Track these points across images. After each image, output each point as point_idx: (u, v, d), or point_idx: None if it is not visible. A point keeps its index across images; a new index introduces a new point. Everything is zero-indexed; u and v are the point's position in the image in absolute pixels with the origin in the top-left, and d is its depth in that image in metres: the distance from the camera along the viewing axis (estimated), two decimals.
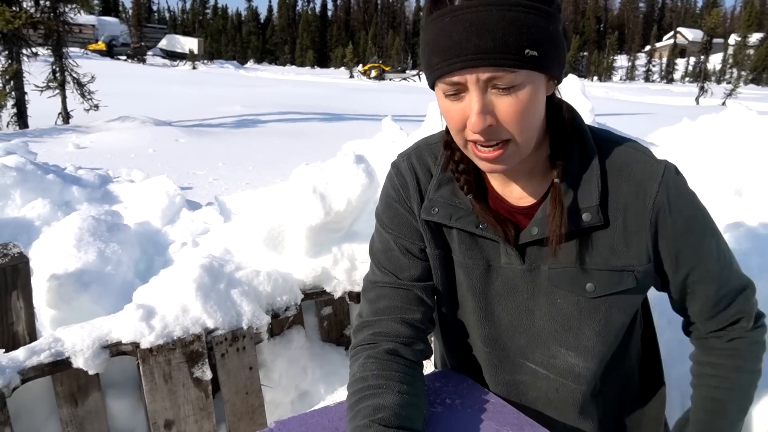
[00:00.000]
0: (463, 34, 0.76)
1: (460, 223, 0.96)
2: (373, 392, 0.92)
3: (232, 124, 11.56)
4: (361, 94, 21.48)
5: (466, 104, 0.80)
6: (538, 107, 0.83)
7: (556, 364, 1.01)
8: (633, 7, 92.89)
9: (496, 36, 0.75)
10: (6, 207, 2.60)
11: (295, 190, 2.04)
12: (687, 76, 55.75)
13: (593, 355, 0.97)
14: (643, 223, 0.90)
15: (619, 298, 0.94)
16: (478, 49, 0.75)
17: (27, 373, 1.52)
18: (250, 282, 1.85)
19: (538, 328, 0.99)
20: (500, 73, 0.77)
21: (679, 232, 0.91)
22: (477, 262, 0.98)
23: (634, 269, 0.92)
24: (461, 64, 0.77)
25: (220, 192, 5.58)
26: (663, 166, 0.91)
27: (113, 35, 44.00)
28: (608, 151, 0.92)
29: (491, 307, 1.01)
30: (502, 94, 0.79)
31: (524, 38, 0.75)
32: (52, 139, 8.78)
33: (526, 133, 0.83)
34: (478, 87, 0.79)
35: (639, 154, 0.92)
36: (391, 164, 1.07)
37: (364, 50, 71.02)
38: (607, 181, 0.90)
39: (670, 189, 0.89)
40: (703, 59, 29.40)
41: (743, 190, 2.18)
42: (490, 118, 0.80)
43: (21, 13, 10.13)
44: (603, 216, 0.89)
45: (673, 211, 0.89)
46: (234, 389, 1.79)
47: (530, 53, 0.76)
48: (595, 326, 0.95)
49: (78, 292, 1.86)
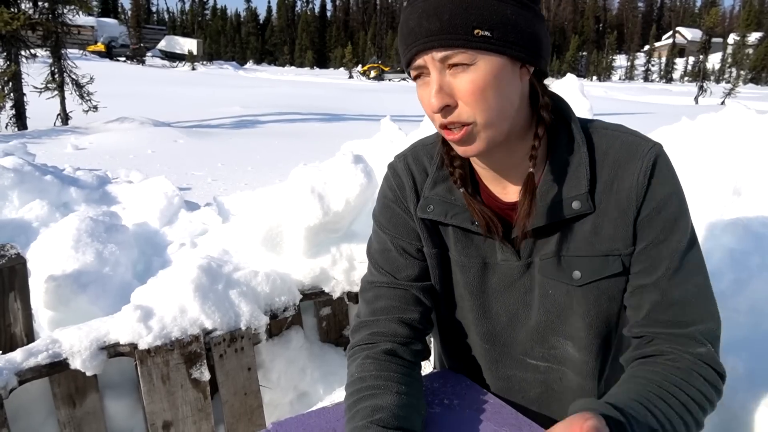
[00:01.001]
0: (417, 20, 0.81)
1: (455, 219, 0.96)
2: (372, 393, 0.92)
3: (231, 124, 11.56)
4: (360, 95, 21.49)
5: (430, 86, 0.84)
6: (501, 89, 0.83)
7: (557, 354, 1.01)
8: (632, 7, 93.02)
9: (443, 17, 0.79)
10: (4, 208, 2.59)
11: (293, 191, 2.04)
12: (686, 75, 55.79)
13: (587, 345, 0.97)
14: (624, 204, 0.89)
15: (607, 284, 0.93)
16: (428, 32, 0.80)
17: (24, 374, 1.51)
18: (248, 282, 1.85)
19: (535, 321, 0.99)
20: (450, 52, 0.80)
21: (653, 213, 0.89)
22: (473, 259, 0.99)
23: (620, 253, 0.91)
24: (416, 48, 0.82)
25: (218, 193, 5.58)
26: (649, 146, 0.90)
27: (112, 36, 43.97)
28: (598, 137, 0.92)
29: (489, 304, 1.01)
30: (459, 73, 0.82)
31: (472, 18, 0.79)
32: (51, 140, 8.77)
33: (487, 114, 0.83)
34: (436, 67, 0.82)
35: (625, 135, 0.92)
36: (387, 165, 1.08)
37: (363, 50, 71.04)
38: (595, 168, 0.90)
39: (651, 169, 0.88)
40: (702, 59, 29.42)
41: (742, 190, 2.18)
42: (447, 98, 0.83)
43: (19, 14, 10.11)
44: (591, 203, 0.89)
45: (651, 190, 0.88)
46: (232, 390, 1.78)
47: (481, 33, 0.79)
48: (586, 315, 0.95)
49: (76, 293, 1.86)
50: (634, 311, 0.93)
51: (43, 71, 11.24)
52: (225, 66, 47.71)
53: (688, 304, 0.89)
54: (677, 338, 0.89)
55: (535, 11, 0.84)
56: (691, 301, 0.89)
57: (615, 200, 0.89)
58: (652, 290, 0.90)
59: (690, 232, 0.91)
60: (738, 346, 1.75)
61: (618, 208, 0.89)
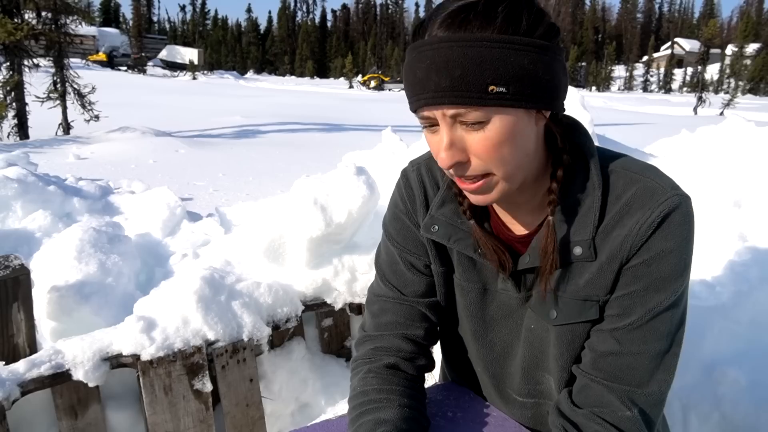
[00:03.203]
0: (425, 71, 0.75)
1: (458, 245, 0.94)
2: (375, 406, 0.92)
3: (232, 134, 11.59)
4: (360, 105, 21.56)
5: (440, 137, 0.79)
6: (518, 142, 0.78)
7: (543, 390, 1.00)
8: (631, 18, 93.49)
9: (455, 74, 0.73)
10: (7, 218, 2.60)
11: (295, 202, 2.05)
12: (685, 86, 55.99)
13: (564, 382, 0.94)
14: (615, 251, 0.83)
15: (582, 329, 0.89)
16: (437, 87, 0.74)
17: (27, 385, 1.52)
18: (250, 294, 1.85)
19: (521, 355, 0.98)
20: (462, 110, 0.74)
21: (641, 265, 0.82)
22: (473, 284, 0.97)
23: (598, 299, 0.86)
24: (424, 101, 0.76)
25: (220, 203, 5.59)
26: (668, 195, 0.81)
27: (114, 46, 44.20)
28: (616, 177, 0.85)
29: (485, 330, 1.00)
30: (471, 130, 0.76)
31: (486, 74, 0.72)
32: (53, 149, 8.79)
33: (504, 168, 0.79)
34: (446, 122, 0.77)
35: (648, 180, 0.84)
36: (401, 172, 1.05)
37: (364, 61, 71.35)
38: (605, 212, 0.84)
39: (659, 222, 0.81)
40: (701, 69, 29.54)
41: (742, 202, 2.19)
42: (458, 154, 0.78)
43: (23, 24, 10.18)
44: (594, 250, 0.84)
45: (650, 242, 0.81)
46: (234, 401, 1.78)
47: (495, 90, 0.73)
48: (559, 358, 0.92)
49: (79, 303, 1.86)
50: (587, 350, 0.89)
51: (45, 81, 11.28)
52: (226, 75, 47.90)
53: (637, 364, 0.85)
54: (611, 391, 0.86)
55: (554, 52, 0.77)
56: (642, 362, 0.85)
57: (609, 247, 0.84)
58: (609, 337, 0.86)
59: (678, 296, 0.84)
60: (739, 358, 1.75)
61: (609, 253, 0.84)
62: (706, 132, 2.81)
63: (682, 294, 0.85)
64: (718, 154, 2.52)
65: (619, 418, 0.85)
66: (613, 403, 0.85)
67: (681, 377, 1.39)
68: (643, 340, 0.84)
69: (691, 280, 1.89)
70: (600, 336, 0.87)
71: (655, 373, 0.85)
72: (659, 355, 0.84)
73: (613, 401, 0.85)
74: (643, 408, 0.85)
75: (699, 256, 1.84)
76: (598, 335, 0.88)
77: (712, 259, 2.00)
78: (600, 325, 0.88)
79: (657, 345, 0.84)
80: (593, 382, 0.88)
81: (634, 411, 0.85)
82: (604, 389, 0.86)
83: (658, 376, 0.85)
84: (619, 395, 0.85)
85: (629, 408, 0.85)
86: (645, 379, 0.85)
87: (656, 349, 0.84)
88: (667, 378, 0.86)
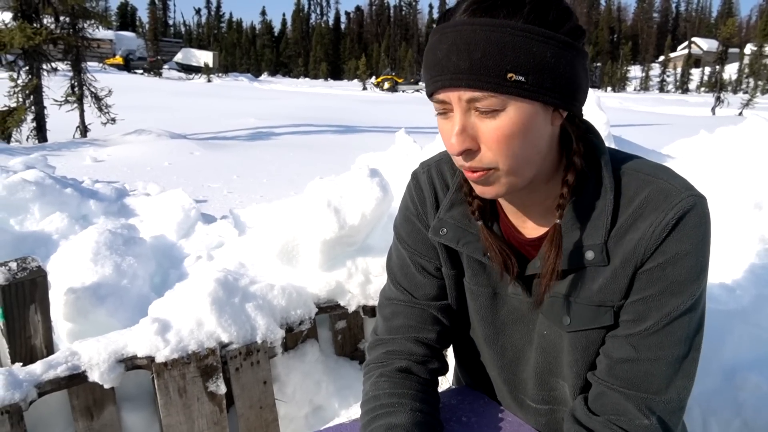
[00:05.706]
0: (446, 52, 0.74)
1: (466, 248, 0.92)
2: (387, 411, 0.92)
3: (246, 136, 11.66)
4: (374, 106, 21.58)
5: (452, 123, 0.78)
6: (530, 137, 0.76)
7: (557, 396, 0.98)
8: (647, 18, 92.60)
9: (475, 56, 0.71)
10: (25, 221, 2.63)
11: (309, 204, 2.05)
12: (702, 86, 55.31)
13: (579, 388, 0.93)
14: (629, 254, 0.81)
15: (597, 335, 0.88)
16: (456, 69, 0.73)
17: (44, 386, 1.53)
18: (264, 296, 1.85)
19: (534, 361, 0.96)
20: (478, 94, 0.73)
21: (657, 268, 0.80)
22: (483, 288, 0.96)
23: (613, 305, 0.84)
24: (441, 82, 0.75)
25: (234, 205, 5.63)
26: (683, 196, 0.80)
27: (130, 49, 44.70)
28: (629, 179, 0.84)
29: (496, 335, 0.99)
30: (484, 118, 0.75)
31: (506, 60, 0.71)
32: (70, 152, 8.91)
33: (510, 161, 0.77)
34: (461, 107, 0.76)
35: (661, 181, 0.82)
36: (411, 173, 1.04)
37: (377, 62, 71.44)
38: (617, 216, 0.83)
39: (674, 223, 0.79)
40: (719, 69, 29.15)
41: (763, 203, 2.15)
42: (469, 141, 0.76)
43: (41, 29, 10.33)
44: (606, 255, 0.82)
45: (665, 244, 0.80)
46: (248, 403, 1.78)
47: (514, 78, 0.71)
48: (574, 365, 0.90)
49: (94, 305, 1.87)
50: (602, 357, 0.88)
51: (63, 84, 11.44)
52: (240, 78, 48.19)
53: (655, 371, 0.83)
54: (628, 399, 0.84)
55: (577, 50, 0.76)
56: (659, 369, 0.83)
57: (622, 251, 0.82)
58: (625, 344, 0.84)
59: (696, 299, 0.82)
60: (761, 362, 1.72)
61: (622, 257, 0.82)
62: (725, 132, 2.77)
63: (699, 297, 0.83)
64: (738, 154, 2.48)
65: (636, 427, 0.83)
66: (630, 411, 0.83)
67: (701, 383, 1.36)
68: (659, 346, 0.82)
69: (711, 284, 1.86)
70: (615, 342, 0.86)
71: (674, 379, 0.83)
72: (677, 360, 0.83)
73: (630, 409, 0.83)
74: (662, 416, 0.83)
75: (719, 258, 1.81)
76: (613, 341, 0.86)
77: (733, 261, 1.96)
78: (615, 330, 0.86)
79: (674, 350, 0.82)
80: (609, 389, 0.86)
81: (653, 419, 0.83)
82: (620, 397, 0.84)
83: (677, 382, 0.83)
84: (637, 403, 0.83)
85: (647, 416, 0.83)
86: (663, 386, 0.83)
87: (674, 354, 0.83)
88: (687, 384, 0.84)
